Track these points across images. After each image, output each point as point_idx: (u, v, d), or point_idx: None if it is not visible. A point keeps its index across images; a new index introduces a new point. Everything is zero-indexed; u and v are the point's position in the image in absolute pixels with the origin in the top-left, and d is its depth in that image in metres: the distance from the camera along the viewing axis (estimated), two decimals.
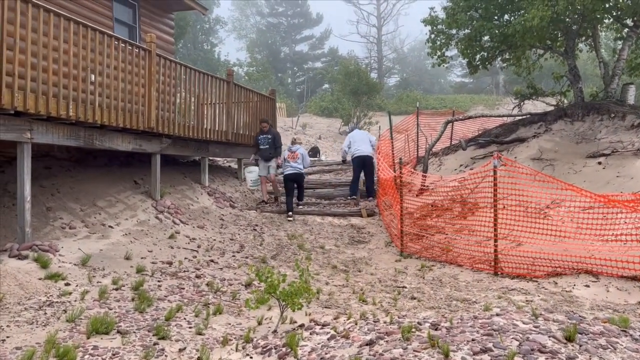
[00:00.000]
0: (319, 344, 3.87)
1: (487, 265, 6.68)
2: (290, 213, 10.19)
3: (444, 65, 13.33)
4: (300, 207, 10.87)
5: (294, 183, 10.63)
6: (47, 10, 6.34)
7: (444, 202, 9.13)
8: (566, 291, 5.50)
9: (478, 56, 12.35)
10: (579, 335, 3.50)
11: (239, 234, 8.75)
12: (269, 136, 10.97)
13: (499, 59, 13.00)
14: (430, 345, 3.40)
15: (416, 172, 10.72)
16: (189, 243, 7.81)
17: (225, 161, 14.33)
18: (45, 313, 4.69)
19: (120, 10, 10.92)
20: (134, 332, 4.38)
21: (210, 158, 11.92)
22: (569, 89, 12.04)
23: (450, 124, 13.39)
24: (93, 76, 7.17)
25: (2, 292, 4.92)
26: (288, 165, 10.61)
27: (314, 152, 17.29)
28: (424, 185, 10.04)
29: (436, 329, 3.77)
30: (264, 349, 3.97)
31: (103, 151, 9.28)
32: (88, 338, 4.18)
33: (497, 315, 4.08)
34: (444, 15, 12.12)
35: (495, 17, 11.66)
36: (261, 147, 10.95)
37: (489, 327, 3.69)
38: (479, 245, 7.07)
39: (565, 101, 12.13)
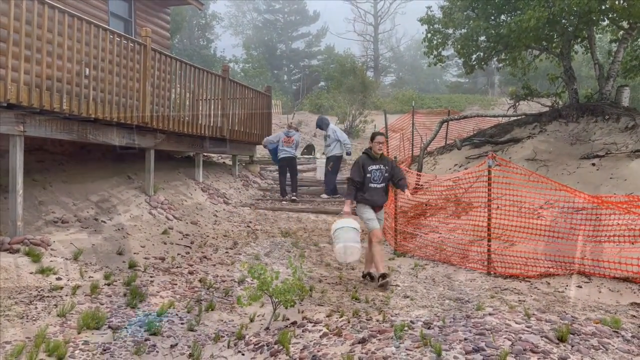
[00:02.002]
0: (311, 341, 3.86)
1: (480, 264, 6.69)
2: (286, 197, 11.19)
3: (440, 65, 13.37)
4: (294, 197, 11.22)
5: (287, 167, 11.47)
6: (41, 2, 6.29)
7: (438, 202, 9.14)
8: (559, 291, 5.52)
9: (474, 56, 12.38)
10: (571, 335, 3.51)
11: (232, 231, 8.72)
12: (387, 168, 6.26)
13: (495, 59, 13.03)
14: (423, 344, 3.39)
15: (411, 171, 10.72)
16: (182, 239, 7.78)
17: (219, 157, 14.29)
18: (36, 307, 4.65)
19: (116, 4, 10.87)
20: (126, 328, 4.35)
21: (205, 154, 11.88)
22: (564, 90, 12.07)
23: (446, 123, 13.42)
24: (87, 70, 7.12)
25: None
26: (282, 150, 11.36)
27: (309, 149, 17.25)
28: (419, 184, 10.05)
29: (429, 328, 3.77)
30: (256, 346, 3.96)
31: (97, 145, 9.22)
32: (79, 333, 4.15)
33: (490, 314, 4.09)
34: (440, 14, 12.14)
35: (492, 17, 11.67)
36: (372, 185, 6.17)
37: (481, 327, 3.69)
38: (472, 245, 7.08)
39: (560, 102, 12.17)
